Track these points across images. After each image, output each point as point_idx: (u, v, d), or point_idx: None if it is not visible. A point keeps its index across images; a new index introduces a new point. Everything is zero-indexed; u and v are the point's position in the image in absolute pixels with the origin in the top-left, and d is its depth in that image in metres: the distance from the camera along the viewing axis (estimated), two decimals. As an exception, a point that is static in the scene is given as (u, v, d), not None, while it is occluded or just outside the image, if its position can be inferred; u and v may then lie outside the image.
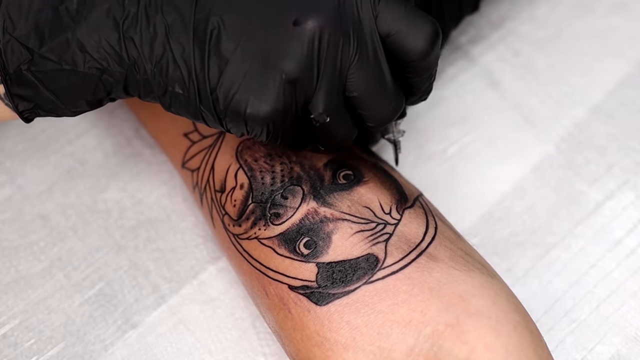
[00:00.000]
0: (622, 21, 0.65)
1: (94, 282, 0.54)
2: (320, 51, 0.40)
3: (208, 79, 0.41)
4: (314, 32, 0.40)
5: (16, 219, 0.57)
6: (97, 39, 0.41)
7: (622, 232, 0.56)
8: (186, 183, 0.54)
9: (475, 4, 0.60)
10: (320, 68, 0.41)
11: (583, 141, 0.60)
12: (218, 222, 0.50)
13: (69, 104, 0.44)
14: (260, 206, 0.47)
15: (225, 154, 0.50)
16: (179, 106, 0.43)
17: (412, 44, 0.42)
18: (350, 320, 0.42)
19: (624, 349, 0.51)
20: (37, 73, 0.42)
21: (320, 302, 0.43)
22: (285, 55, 0.40)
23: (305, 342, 0.44)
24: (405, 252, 0.44)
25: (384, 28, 0.41)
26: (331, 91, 0.42)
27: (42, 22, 0.42)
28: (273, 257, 0.46)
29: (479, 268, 0.44)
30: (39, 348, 0.52)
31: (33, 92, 0.43)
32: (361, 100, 0.43)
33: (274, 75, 0.40)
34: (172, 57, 0.41)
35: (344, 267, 0.44)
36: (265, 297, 0.46)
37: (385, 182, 0.48)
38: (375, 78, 0.42)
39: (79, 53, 0.42)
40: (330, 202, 0.46)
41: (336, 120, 0.43)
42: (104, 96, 0.44)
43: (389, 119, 0.44)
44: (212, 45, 0.41)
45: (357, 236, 0.45)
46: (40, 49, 0.42)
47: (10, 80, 0.43)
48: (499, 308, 0.42)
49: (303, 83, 0.41)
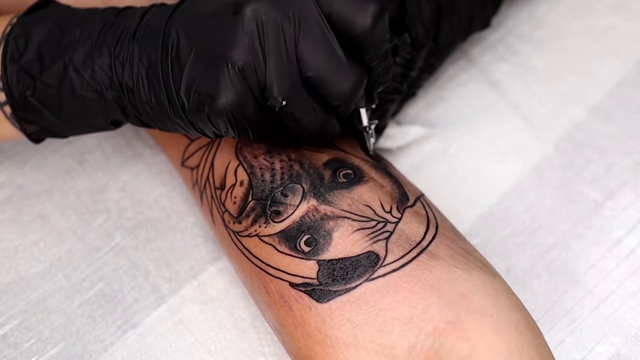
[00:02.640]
0: (621, 21, 0.65)
1: (94, 282, 0.54)
2: (261, 34, 0.42)
3: (173, 86, 0.43)
4: (251, 17, 0.41)
5: (16, 219, 0.57)
6: (90, 64, 0.45)
7: (622, 232, 0.56)
8: (186, 181, 0.54)
9: (486, 21, 0.61)
10: (264, 51, 0.42)
11: (582, 141, 0.60)
12: (218, 219, 0.50)
13: (73, 128, 0.48)
14: (261, 203, 0.47)
15: (225, 151, 0.50)
16: (166, 123, 0.45)
17: (355, 18, 0.42)
18: (352, 317, 0.43)
19: (624, 348, 0.51)
20: (41, 98, 0.46)
21: (321, 299, 0.44)
22: (228, 45, 0.42)
23: (306, 339, 0.44)
24: (406, 250, 0.44)
25: (326, 7, 0.42)
26: (282, 73, 0.42)
27: (44, 51, 0.45)
28: (274, 254, 0.46)
29: (480, 267, 0.44)
30: (39, 348, 0.52)
31: (38, 116, 0.47)
32: (317, 79, 0.43)
33: (221, 66, 0.42)
34: (146, 74, 0.44)
35: (344, 264, 0.44)
36: (266, 295, 0.46)
37: (386, 181, 0.48)
38: (325, 53, 0.42)
39: (76, 77, 0.45)
40: (331, 200, 0.46)
41: (297, 102, 0.43)
42: (106, 123, 0.47)
43: (351, 94, 0.44)
44: (173, 55, 0.43)
45: (357, 234, 0.45)
46: (42, 75, 0.45)
47: (17, 105, 0.46)
48: (500, 306, 0.42)
49: (251, 68, 0.42)
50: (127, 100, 0.45)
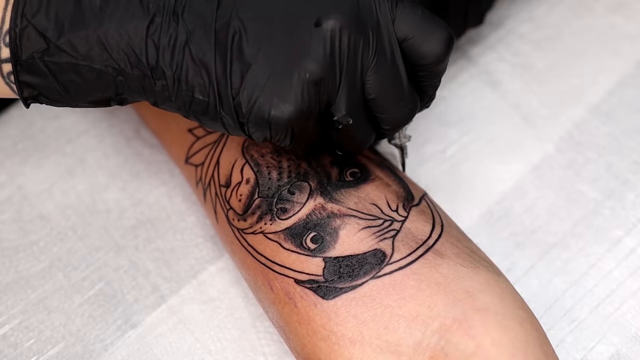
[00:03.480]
0: (622, 21, 0.66)
1: (94, 282, 0.54)
2: (342, 51, 0.41)
3: (230, 83, 0.41)
4: (335, 32, 0.40)
5: (16, 219, 0.57)
6: (118, 39, 0.41)
7: (622, 231, 0.56)
8: (189, 179, 0.54)
9: (480, 17, 0.61)
10: (342, 68, 0.41)
11: (583, 141, 0.60)
12: (222, 217, 0.50)
13: (75, 99, 0.44)
14: (267, 201, 0.47)
15: (231, 149, 0.50)
16: (198, 113, 0.43)
17: (428, 48, 0.42)
18: (357, 314, 0.43)
19: (624, 348, 0.51)
20: (51, 64, 0.42)
21: (327, 296, 0.44)
22: (308, 55, 0.40)
23: (311, 336, 0.44)
24: (412, 248, 0.44)
25: (401, 32, 0.42)
26: (353, 93, 0.42)
27: (63, 14, 0.42)
28: (279, 251, 0.46)
29: (485, 266, 0.45)
30: (39, 348, 0.52)
31: (42, 82, 0.43)
32: (378, 103, 0.43)
33: (297, 75, 0.40)
34: (193, 63, 0.41)
35: (351, 261, 0.44)
36: (270, 292, 0.46)
37: (392, 180, 0.48)
38: (393, 80, 0.42)
39: (98, 50, 0.42)
40: (338, 198, 0.46)
41: (357, 122, 0.43)
42: (112, 96, 0.44)
43: (404, 122, 0.45)
44: (234, 50, 0.41)
45: (364, 232, 0.45)
46: (58, 40, 0.42)
47: (20, 66, 0.43)
48: (506, 304, 0.42)
49: (326, 83, 0.41)
50: (154, 83, 0.42)
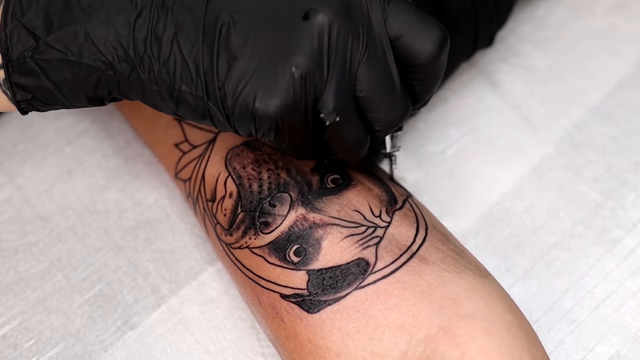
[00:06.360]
0: (622, 21, 0.65)
1: (94, 282, 0.54)
2: (330, 46, 0.40)
3: (217, 74, 0.40)
4: (323, 26, 0.40)
5: (16, 219, 0.57)
6: (105, 33, 0.41)
7: (622, 232, 0.56)
8: (181, 192, 0.54)
9: (491, 39, 0.60)
10: (329, 63, 0.40)
11: (582, 141, 0.60)
12: (211, 231, 0.49)
13: (68, 97, 0.44)
14: (250, 215, 0.47)
15: (215, 163, 0.50)
16: (185, 108, 0.42)
17: (420, 47, 0.41)
18: (342, 327, 0.42)
19: (624, 349, 0.51)
20: (41, 62, 0.42)
21: (311, 309, 0.43)
22: (295, 49, 0.40)
23: (299, 350, 0.44)
24: (396, 255, 0.44)
25: (393, 30, 0.41)
26: (341, 89, 0.41)
27: (52, 12, 0.42)
28: (264, 266, 0.45)
29: (471, 269, 0.44)
30: (39, 349, 0.52)
31: (34, 82, 0.43)
32: (369, 101, 0.42)
33: (284, 68, 0.40)
34: (180, 55, 0.41)
35: (334, 273, 0.44)
36: (259, 306, 0.46)
37: (374, 184, 0.47)
38: (384, 78, 0.41)
39: (86, 45, 0.41)
40: (319, 207, 0.46)
41: (346, 120, 0.42)
42: (105, 94, 0.44)
43: (395, 122, 0.43)
44: (221, 42, 0.40)
45: (347, 241, 0.44)
46: (47, 37, 0.42)
47: (12, 67, 0.43)
48: (492, 309, 0.41)
49: (313, 78, 0.40)
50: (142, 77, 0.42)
